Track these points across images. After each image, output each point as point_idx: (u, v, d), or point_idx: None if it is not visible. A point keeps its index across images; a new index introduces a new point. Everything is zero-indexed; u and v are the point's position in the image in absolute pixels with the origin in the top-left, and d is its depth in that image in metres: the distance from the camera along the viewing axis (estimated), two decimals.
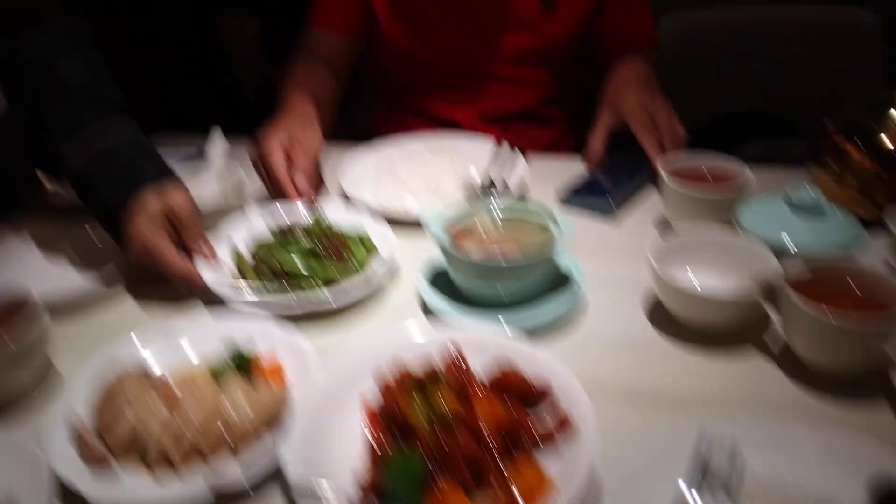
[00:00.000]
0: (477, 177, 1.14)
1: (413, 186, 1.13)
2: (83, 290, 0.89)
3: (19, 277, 0.89)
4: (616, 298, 0.85)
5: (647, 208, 1.06)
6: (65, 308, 0.88)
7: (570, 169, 1.18)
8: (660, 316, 0.81)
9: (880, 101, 0.96)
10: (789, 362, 0.72)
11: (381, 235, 0.96)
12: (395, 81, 1.45)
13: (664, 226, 1.00)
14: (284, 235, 0.93)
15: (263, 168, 1.07)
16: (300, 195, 1.04)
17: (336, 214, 1.02)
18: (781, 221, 0.83)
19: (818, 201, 0.82)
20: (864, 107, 0.98)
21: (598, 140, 1.17)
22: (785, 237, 0.80)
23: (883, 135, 0.92)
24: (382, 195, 1.12)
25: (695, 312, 0.77)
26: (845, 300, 0.70)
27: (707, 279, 0.82)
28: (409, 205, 1.10)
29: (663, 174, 0.94)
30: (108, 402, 0.67)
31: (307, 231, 0.94)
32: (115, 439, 0.64)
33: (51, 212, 1.14)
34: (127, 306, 0.91)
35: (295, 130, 1.09)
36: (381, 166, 1.21)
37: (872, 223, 0.90)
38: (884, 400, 0.68)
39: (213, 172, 1.10)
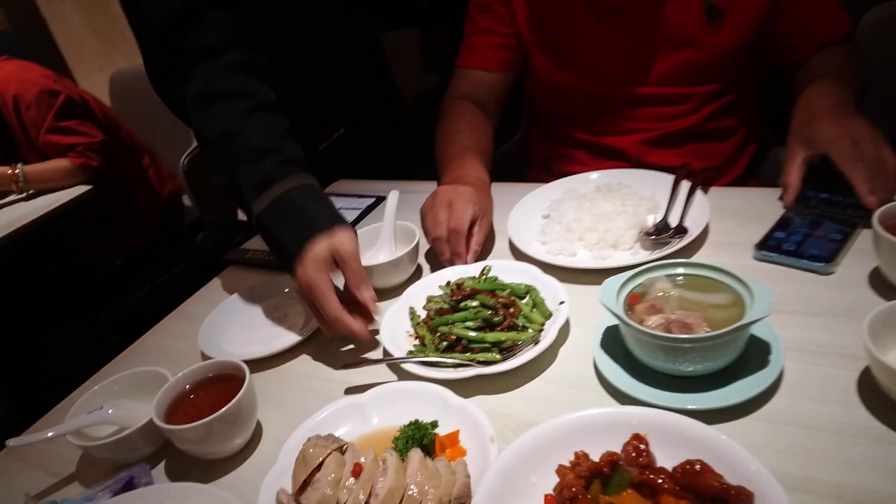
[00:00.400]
0: (651, 221, 1.08)
1: (582, 233, 1.09)
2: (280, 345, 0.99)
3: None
4: (821, 373, 0.76)
5: (857, 257, 0.93)
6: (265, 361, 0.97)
7: (761, 203, 1.08)
8: (877, 397, 0.71)
9: None
10: None
11: (551, 291, 0.94)
12: (552, 112, 1.42)
13: (879, 281, 0.87)
14: (455, 299, 0.94)
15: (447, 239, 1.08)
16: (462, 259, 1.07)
17: (505, 269, 1.02)
18: None
19: None
20: None
21: (794, 175, 1.04)
22: None
23: None
24: (551, 245, 1.10)
25: None
26: None
27: None
28: (580, 255, 1.07)
29: (878, 228, 0.82)
30: (303, 464, 0.72)
31: (477, 290, 0.95)
32: (308, 502, 0.69)
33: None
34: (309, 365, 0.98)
35: (453, 199, 1.09)
36: (547, 211, 1.19)
37: None
38: None
39: (388, 234, 1.16)
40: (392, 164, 1.66)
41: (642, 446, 0.67)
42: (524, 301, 0.95)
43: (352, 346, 0.98)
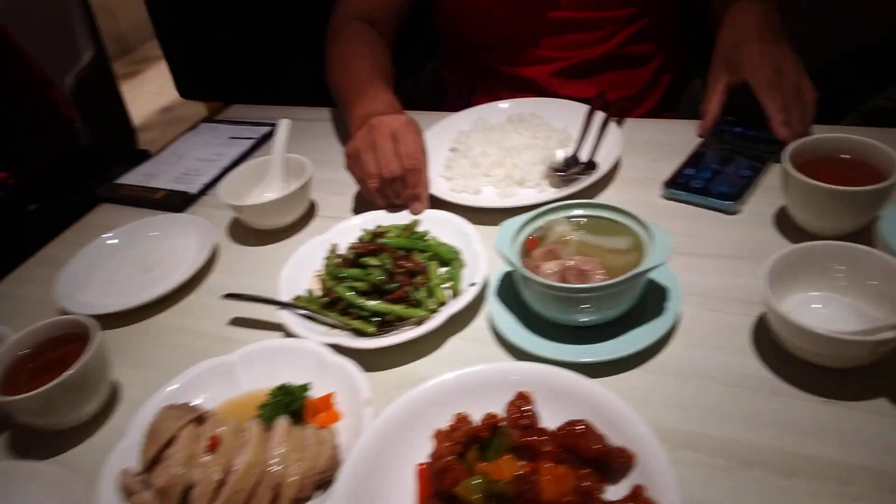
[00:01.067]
0: (560, 156, 1.01)
1: (488, 168, 1.01)
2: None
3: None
4: (718, 321, 0.73)
5: (766, 195, 0.88)
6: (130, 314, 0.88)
7: (675, 136, 1.02)
8: (772, 346, 0.68)
9: None
10: None
11: (476, 264, 0.82)
12: (461, 38, 1.30)
13: (785, 221, 0.83)
14: (357, 252, 0.84)
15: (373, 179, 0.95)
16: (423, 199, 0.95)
17: (442, 223, 0.91)
18: None
19: None
20: None
21: (714, 102, 0.99)
22: None
23: None
24: (455, 181, 1.02)
25: (815, 355, 0.64)
26: None
27: (835, 306, 0.67)
28: (485, 192, 1.00)
29: (787, 165, 0.77)
30: (152, 439, 0.65)
31: (382, 247, 0.84)
32: (157, 482, 0.62)
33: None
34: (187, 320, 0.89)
35: (399, 132, 0.96)
36: (454, 143, 1.10)
37: None
38: None
39: (278, 168, 1.05)
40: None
41: (525, 406, 0.63)
42: (442, 270, 0.84)
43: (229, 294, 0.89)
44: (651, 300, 0.74)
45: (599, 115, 1.06)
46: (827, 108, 1.26)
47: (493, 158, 1.02)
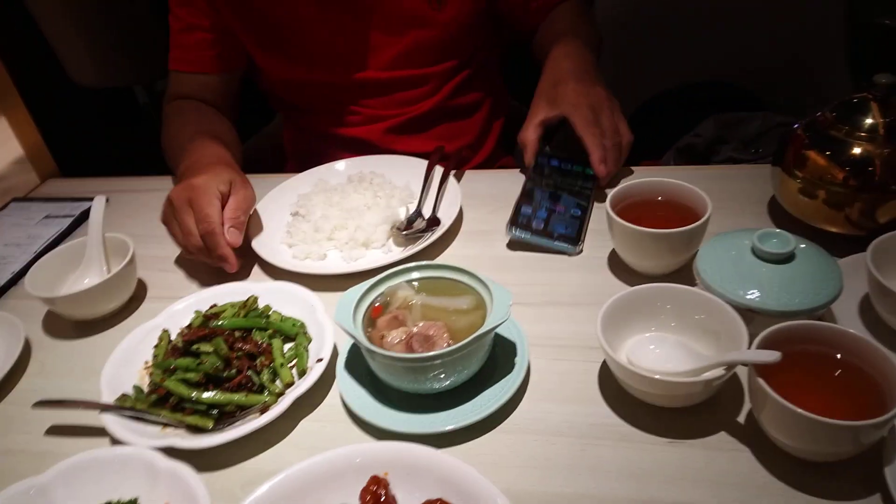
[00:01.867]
0: (403, 214, 1.00)
1: (331, 231, 0.98)
2: None
3: None
4: (566, 370, 0.74)
5: (597, 239, 0.92)
6: None
7: (513, 185, 1.05)
8: (615, 391, 0.70)
9: (851, 98, 0.83)
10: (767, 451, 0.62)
11: (321, 338, 0.77)
12: (290, 104, 1.28)
13: (617, 264, 0.87)
14: (186, 340, 0.76)
15: (189, 224, 0.90)
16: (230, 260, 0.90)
17: (284, 295, 0.86)
18: (745, 268, 0.71)
19: (784, 248, 0.70)
20: (833, 103, 0.85)
21: (531, 132, 1.01)
22: (750, 295, 0.68)
23: (853, 138, 0.79)
24: (298, 248, 0.97)
25: (654, 396, 0.66)
26: (827, 382, 0.61)
27: (667, 345, 0.70)
28: (330, 256, 0.96)
29: (609, 212, 0.81)
30: None
31: (215, 331, 0.77)
32: None
33: None
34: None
35: (193, 196, 0.91)
36: (295, 208, 1.06)
37: (847, 241, 0.79)
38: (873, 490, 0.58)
39: (96, 250, 0.96)
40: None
41: (381, 491, 0.59)
42: (288, 348, 0.79)
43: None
44: (500, 356, 0.74)
45: (439, 170, 1.06)
46: (648, 145, 1.37)
47: (336, 221, 0.99)
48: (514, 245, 0.94)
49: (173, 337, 0.81)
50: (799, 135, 0.85)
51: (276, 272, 0.93)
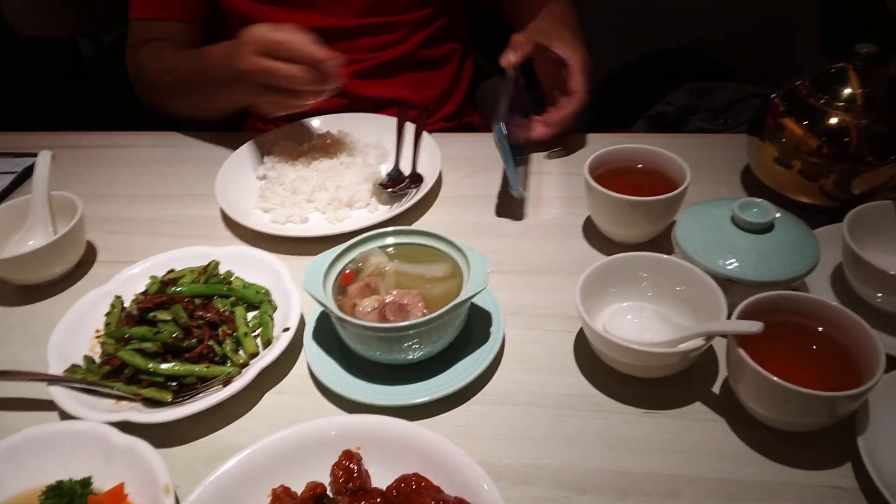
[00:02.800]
0: (384, 171, 0.96)
1: (311, 193, 0.94)
2: None
3: None
4: (542, 339, 0.72)
5: (573, 208, 0.90)
6: None
7: (485, 150, 1.02)
8: (591, 360, 0.68)
9: (830, 67, 0.82)
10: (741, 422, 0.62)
11: (287, 306, 0.74)
12: None
13: (592, 232, 0.85)
14: (142, 307, 0.71)
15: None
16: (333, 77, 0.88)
17: (246, 260, 0.81)
18: (724, 238, 0.70)
19: (764, 218, 0.69)
20: (813, 73, 0.84)
21: (525, 39, 0.94)
22: (729, 265, 0.68)
23: (831, 108, 0.79)
24: (276, 212, 0.93)
25: (631, 367, 0.65)
26: (802, 351, 0.61)
27: (645, 315, 0.69)
28: (313, 219, 0.92)
29: (588, 178, 0.79)
30: None
31: (173, 298, 0.73)
32: None
33: None
34: None
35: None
36: (263, 171, 1.01)
37: (819, 212, 0.79)
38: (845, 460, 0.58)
39: (41, 210, 0.89)
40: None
41: (353, 466, 0.57)
42: (252, 316, 0.75)
43: None
44: (475, 326, 0.72)
45: (410, 127, 1.03)
46: (618, 113, 1.35)
47: (314, 182, 0.94)
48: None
49: (127, 304, 0.76)
50: (776, 104, 0.84)
51: (255, 238, 0.88)
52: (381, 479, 0.57)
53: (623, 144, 0.85)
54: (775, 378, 0.55)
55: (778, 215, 0.71)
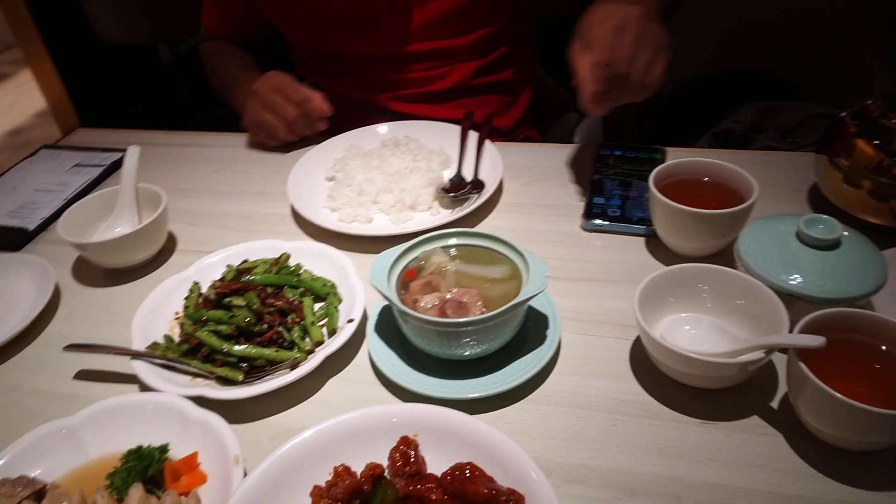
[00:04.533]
0: (447, 177, 1.00)
1: (376, 195, 0.98)
2: None
3: None
4: (597, 345, 0.73)
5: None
6: None
7: (545, 160, 1.04)
8: (647, 368, 0.69)
9: None
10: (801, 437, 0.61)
11: (352, 299, 0.77)
12: (316, 68, 1.27)
13: (654, 244, 0.86)
14: (220, 292, 0.76)
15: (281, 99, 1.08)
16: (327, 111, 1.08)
17: (315, 255, 0.85)
18: (789, 253, 0.69)
19: (831, 234, 0.68)
20: (885, 92, 0.83)
21: (582, 68, 0.79)
22: (793, 280, 0.67)
23: None
24: (343, 211, 0.97)
25: (688, 377, 0.65)
26: (865, 369, 0.60)
27: (703, 326, 0.69)
28: (377, 220, 0.96)
29: (653, 190, 0.80)
30: None
31: (248, 285, 0.77)
32: None
33: None
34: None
35: (277, 83, 1.10)
36: (331, 172, 1.06)
37: (888, 233, 0.78)
38: None
39: (129, 200, 0.95)
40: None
41: (410, 452, 0.59)
42: (319, 307, 0.79)
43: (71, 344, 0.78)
44: (531, 328, 0.73)
45: (473, 135, 1.05)
46: (681, 129, 1.34)
47: (380, 185, 0.98)
48: (589, 229, 0.90)
49: (203, 290, 0.81)
50: (847, 122, 0.83)
51: (322, 235, 0.92)
52: (436, 466, 0.59)
53: (688, 158, 0.85)
54: (838, 394, 0.55)
55: (847, 234, 0.71)
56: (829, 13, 1.64)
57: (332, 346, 0.71)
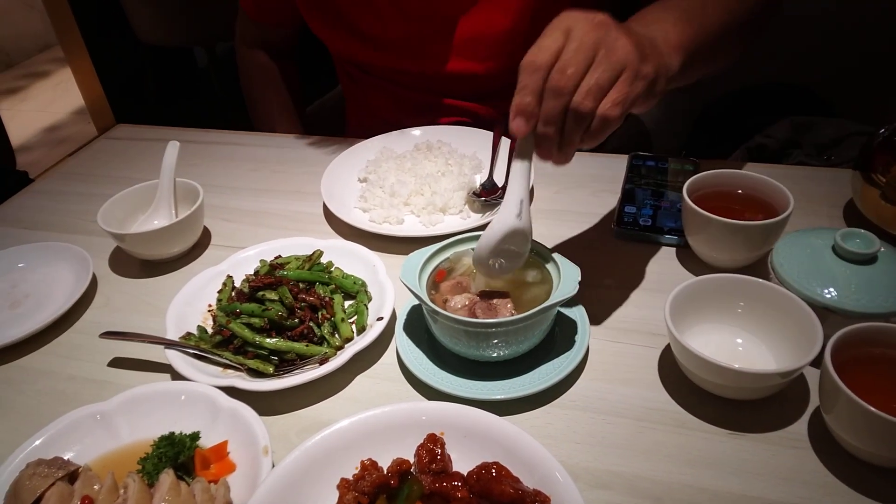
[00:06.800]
0: (479, 181, 1.00)
1: (408, 197, 0.99)
2: None
3: None
4: (626, 353, 0.73)
5: None
6: None
7: (572, 168, 1.04)
8: (676, 377, 0.69)
9: None
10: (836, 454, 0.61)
11: (381, 297, 0.78)
12: (354, 75, 1.28)
13: (685, 254, 0.86)
14: (253, 286, 0.77)
15: None
16: None
17: (345, 253, 0.86)
18: (824, 267, 0.69)
19: (868, 249, 0.68)
20: None
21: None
22: (828, 293, 0.66)
23: None
24: (374, 212, 0.98)
25: (717, 387, 0.65)
26: None
27: (734, 338, 0.69)
28: (408, 221, 0.97)
29: (687, 200, 0.79)
30: (15, 502, 0.57)
31: (281, 280, 0.78)
32: None
33: None
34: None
35: None
36: (364, 173, 1.07)
37: None
38: None
39: (167, 194, 0.97)
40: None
41: (437, 449, 0.60)
42: (349, 304, 0.80)
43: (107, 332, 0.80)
44: (560, 333, 0.73)
45: (505, 141, 1.06)
46: (715, 144, 1.33)
47: (412, 187, 0.99)
48: (621, 237, 0.90)
49: (237, 284, 0.82)
50: (885, 139, 0.82)
51: (353, 235, 0.93)
52: (462, 465, 0.59)
53: (722, 170, 0.85)
54: (871, 408, 0.54)
55: (883, 249, 0.70)
56: (867, 31, 1.62)
57: (361, 343, 0.72)
